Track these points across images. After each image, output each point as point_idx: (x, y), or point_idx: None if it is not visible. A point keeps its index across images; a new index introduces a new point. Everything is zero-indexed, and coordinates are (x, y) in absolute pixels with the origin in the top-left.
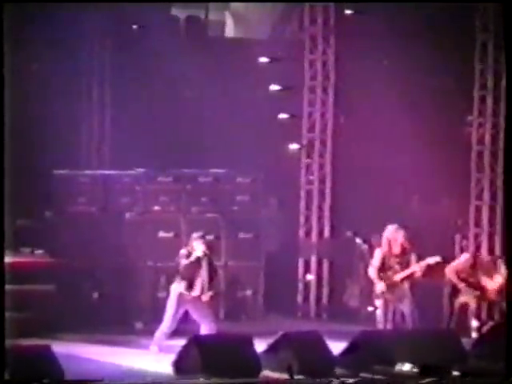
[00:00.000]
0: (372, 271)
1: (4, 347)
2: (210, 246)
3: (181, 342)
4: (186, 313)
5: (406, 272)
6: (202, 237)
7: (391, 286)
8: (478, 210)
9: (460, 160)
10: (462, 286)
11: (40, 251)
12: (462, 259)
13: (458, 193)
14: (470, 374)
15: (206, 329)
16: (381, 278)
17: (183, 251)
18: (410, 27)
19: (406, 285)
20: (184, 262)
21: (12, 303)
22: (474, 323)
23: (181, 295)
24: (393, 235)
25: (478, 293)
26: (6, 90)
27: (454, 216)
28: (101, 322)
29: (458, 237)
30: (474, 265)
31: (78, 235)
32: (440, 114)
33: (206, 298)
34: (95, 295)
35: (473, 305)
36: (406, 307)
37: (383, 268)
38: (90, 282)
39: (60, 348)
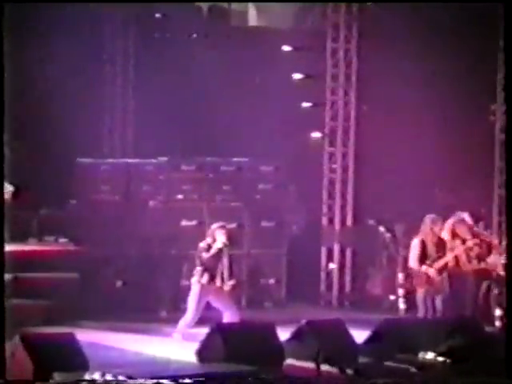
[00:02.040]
0: (413, 263)
1: (4, 347)
2: (230, 236)
3: (204, 330)
4: (209, 301)
5: (444, 259)
6: (223, 227)
7: (432, 278)
8: (501, 198)
9: (483, 148)
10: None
11: (64, 239)
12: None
13: (481, 181)
14: (492, 361)
15: (228, 318)
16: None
17: (202, 244)
18: (433, 15)
19: (445, 275)
20: (205, 255)
21: (36, 291)
22: (498, 312)
23: (203, 287)
24: (432, 225)
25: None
26: (32, 78)
27: (478, 204)
28: (124, 309)
29: (481, 225)
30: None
31: (101, 223)
32: (463, 103)
33: (227, 287)
34: (118, 283)
35: (494, 289)
36: (439, 301)
37: (423, 258)
38: (113, 270)
39: (83, 336)
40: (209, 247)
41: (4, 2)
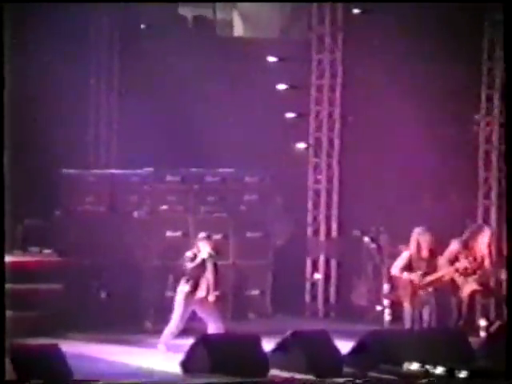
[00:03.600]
0: (396, 270)
1: (4, 347)
2: (215, 247)
3: (189, 341)
4: (194, 312)
5: (435, 276)
6: (208, 237)
7: (417, 289)
8: (486, 208)
9: (468, 159)
10: (456, 275)
11: (48, 250)
12: (450, 248)
13: (466, 192)
14: (477, 373)
15: (213, 328)
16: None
17: (189, 253)
18: (418, 26)
19: (431, 289)
20: (189, 264)
21: (20, 302)
22: (482, 322)
23: (187, 296)
24: (421, 238)
25: (475, 276)
26: (13, 88)
27: (463, 215)
28: (109, 321)
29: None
30: (463, 249)
31: (86, 234)
32: (447, 113)
33: (212, 298)
34: (103, 294)
35: (477, 289)
36: (425, 313)
37: (409, 270)
38: (97, 281)
39: (68, 347)
40: (194, 257)
41: (4, 2)
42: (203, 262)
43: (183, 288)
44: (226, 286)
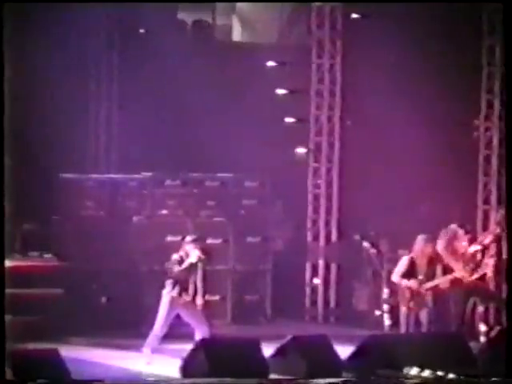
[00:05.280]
0: (396, 277)
1: (4, 348)
2: (204, 250)
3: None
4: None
5: (432, 283)
6: (195, 240)
7: (415, 295)
8: (486, 214)
9: (467, 164)
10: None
11: (48, 255)
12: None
13: (465, 197)
14: (477, 378)
15: (199, 332)
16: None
17: (175, 256)
18: (417, 31)
19: (429, 294)
20: (176, 268)
21: (20, 307)
22: (482, 327)
23: (173, 299)
24: (423, 246)
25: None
26: (13, 91)
27: (462, 220)
28: (108, 325)
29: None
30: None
31: (85, 239)
32: (447, 118)
33: (200, 301)
34: (103, 299)
35: (480, 305)
36: (423, 315)
37: (408, 276)
38: (97, 285)
39: (68, 352)
40: (181, 260)
41: (4, 2)
42: (192, 265)
43: (169, 291)
44: (226, 291)
